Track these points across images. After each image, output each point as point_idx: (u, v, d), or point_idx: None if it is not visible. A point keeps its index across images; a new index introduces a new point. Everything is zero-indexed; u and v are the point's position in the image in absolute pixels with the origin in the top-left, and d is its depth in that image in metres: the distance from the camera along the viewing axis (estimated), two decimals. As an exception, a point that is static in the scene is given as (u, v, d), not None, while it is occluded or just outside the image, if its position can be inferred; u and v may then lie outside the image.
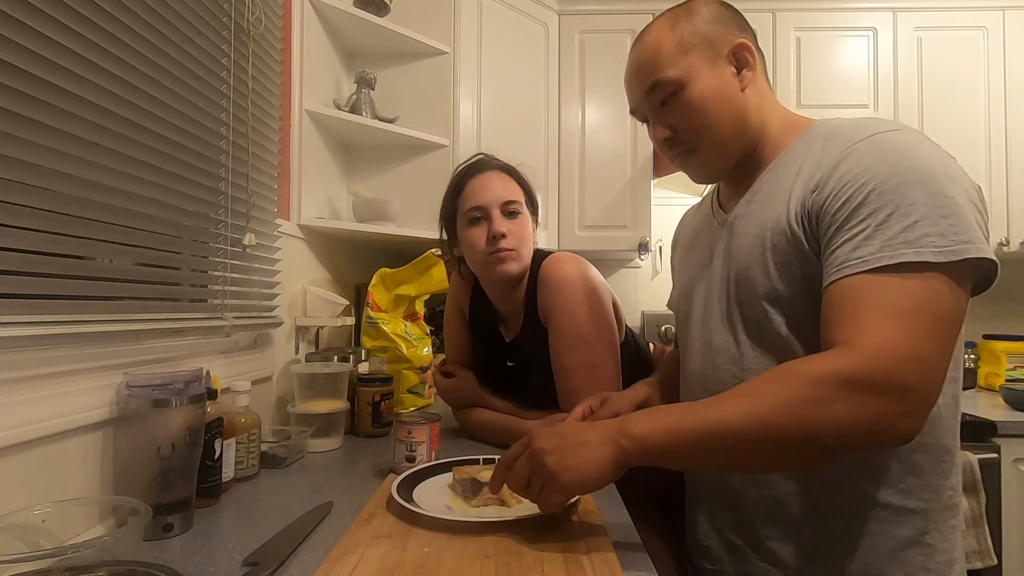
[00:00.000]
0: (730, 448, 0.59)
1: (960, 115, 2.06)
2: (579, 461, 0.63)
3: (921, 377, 0.56)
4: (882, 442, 0.60)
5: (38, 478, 0.65)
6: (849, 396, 0.55)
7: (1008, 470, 1.55)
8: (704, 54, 0.74)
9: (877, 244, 0.59)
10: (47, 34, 0.64)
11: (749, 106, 0.76)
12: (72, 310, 0.70)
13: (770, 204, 0.72)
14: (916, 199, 0.59)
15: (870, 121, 0.68)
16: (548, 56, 2.11)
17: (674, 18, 0.77)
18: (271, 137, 1.22)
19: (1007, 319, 2.21)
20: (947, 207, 0.58)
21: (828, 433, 0.57)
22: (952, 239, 0.57)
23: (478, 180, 1.08)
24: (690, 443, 0.60)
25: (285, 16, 1.35)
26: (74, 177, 0.69)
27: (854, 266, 0.60)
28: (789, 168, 0.72)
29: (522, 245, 1.07)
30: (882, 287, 0.58)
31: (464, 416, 1.21)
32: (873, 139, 0.64)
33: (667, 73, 0.74)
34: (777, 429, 0.57)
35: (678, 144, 0.79)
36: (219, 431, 0.81)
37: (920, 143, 0.63)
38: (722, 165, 0.79)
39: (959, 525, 0.71)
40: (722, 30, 0.75)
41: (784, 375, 0.60)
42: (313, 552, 0.64)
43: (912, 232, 0.58)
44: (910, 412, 0.56)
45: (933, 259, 0.57)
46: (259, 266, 1.16)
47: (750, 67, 0.76)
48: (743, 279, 0.74)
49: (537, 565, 0.60)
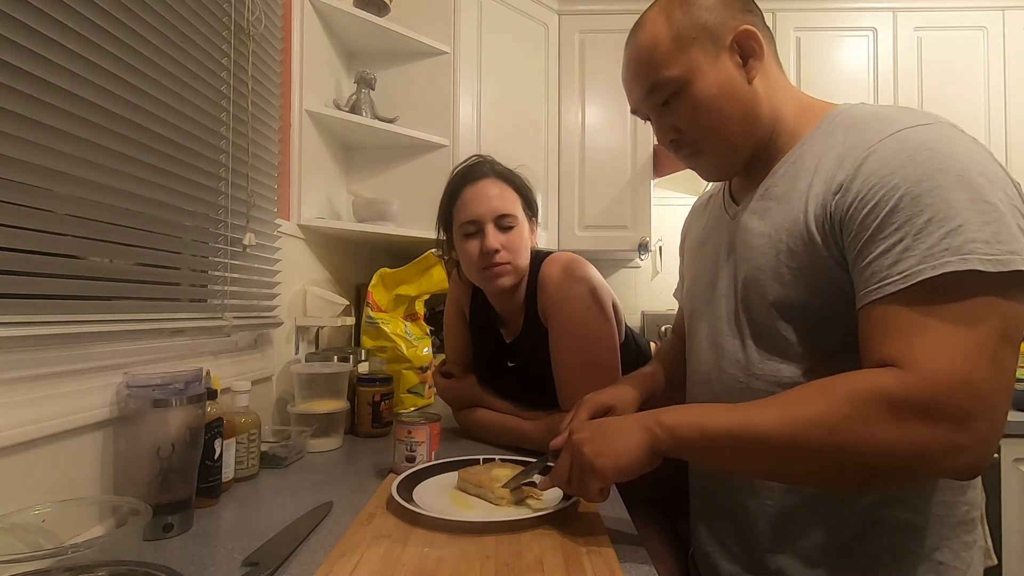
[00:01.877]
0: (759, 455, 0.58)
1: (960, 115, 2.06)
2: (614, 447, 0.64)
3: (981, 405, 0.51)
4: (934, 473, 0.57)
5: (38, 478, 0.65)
6: (893, 419, 0.52)
7: (1008, 470, 1.55)
8: (704, 47, 0.68)
9: (918, 255, 0.53)
10: (47, 34, 0.64)
11: (758, 98, 0.70)
12: (72, 310, 0.70)
13: (786, 202, 0.67)
14: (955, 202, 0.53)
15: (898, 112, 0.62)
16: (548, 56, 2.11)
17: (669, 8, 0.70)
18: (271, 137, 1.22)
19: (1007, 319, 2.20)
20: (989, 212, 0.52)
21: (866, 454, 0.53)
22: (998, 247, 0.51)
23: (473, 190, 1.06)
24: (720, 442, 0.59)
25: (285, 16, 1.34)
26: (74, 177, 0.69)
27: (896, 282, 0.54)
28: (807, 163, 0.66)
29: (517, 257, 1.06)
30: (930, 303, 0.53)
31: (464, 416, 1.21)
32: (901, 135, 0.58)
33: (667, 72, 0.69)
34: (809, 443, 0.54)
35: (685, 145, 0.74)
36: (219, 431, 0.81)
37: (954, 139, 0.57)
38: (734, 162, 0.74)
39: (976, 542, 0.67)
40: (723, 17, 0.68)
41: (824, 389, 0.56)
42: (313, 552, 0.64)
43: (955, 238, 0.52)
44: (968, 446, 0.51)
45: (982, 268, 0.51)
46: (259, 266, 1.16)
47: (756, 56, 0.69)
48: (752, 282, 0.70)
49: (537, 565, 0.60)
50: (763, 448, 0.57)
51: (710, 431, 0.60)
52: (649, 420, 0.64)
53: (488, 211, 1.04)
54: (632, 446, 0.63)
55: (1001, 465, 1.54)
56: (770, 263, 0.67)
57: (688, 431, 0.61)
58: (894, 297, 0.55)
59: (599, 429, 0.67)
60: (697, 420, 0.61)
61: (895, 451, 0.52)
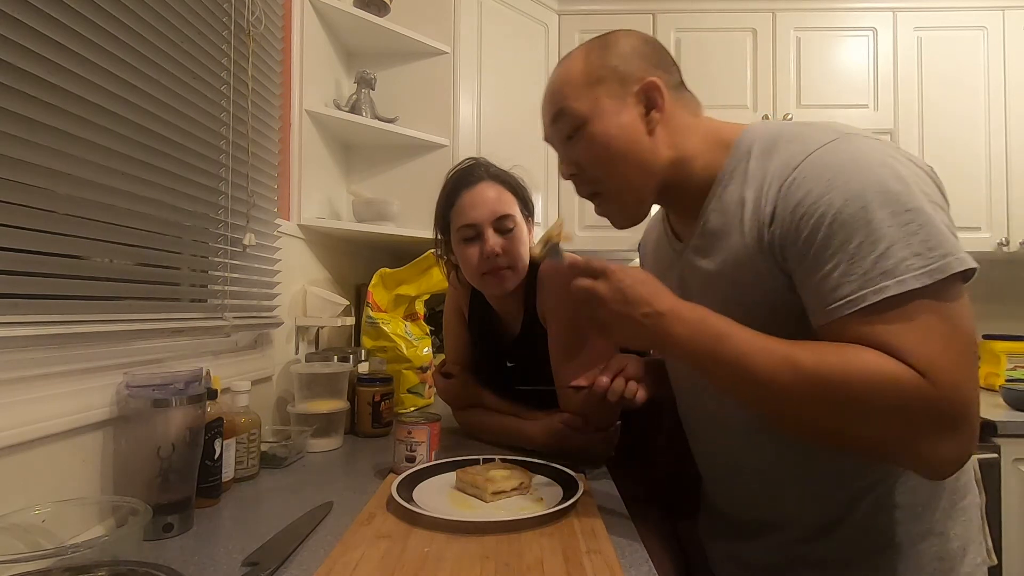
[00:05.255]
0: (748, 376, 0.60)
1: (960, 115, 2.06)
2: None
3: (967, 410, 0.55)
4: (908, 465, 0.61)
5: (38, 478, 0.65)
6: (898, 406, 0.54)
7: (1008, 470, 1.55)
8: (611, 89, 0.71)
9: (856, 280, 0.56)
10: (47, 34, 0.64)
11: (657, 148, 0.71)
12: (72, 310, 0.70)
13: (724, 238, 0.68)
14: (879, 221, 0.55)
15: (802, 132, 0.64)
16: (548, 56, 2.11)
17: (589, 49, 0.74)
18: (271, 137, 1.22)
19: (1007, 319, 2.20)
20: (913, 221, 0.55)
21: (863, 441, 0.58)
22: (930, 256, 0.54)
23: (469, 195, 1.06)
24: (713, 342, 0.61)
25: (285, 16, 1.35)
26: (74, 177, 0.69)
27: (841, 308, 0.57)
28: (732, 195, 0.68)
29: (517, 259, 1.06)
30: (885, 323, 0.55)
31: (464, 416, 1.21)
32: (813, 159, 0.60)
33: (572, 103, 0.71)
34: (808, 385, 0.57)
35: (584, 184, 0.76)
36: (219, 431, 0.81)
37: (862, 151, 0.59)
38: (637, 209, 0.75)
39: (970, 508, 0.69)
40: (634, 66, 0.71)
41: (844, 351, 0.57)
42: (313, 552, 0.64)
43: (887, 260, 0.55)
44: (958, 452, 0.56)
45: (919, 284, 0.54)
46: (259, 266, 1.16)
47: (659, 108, 0.71)
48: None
49: (537, 565, 0.60)
50: (759, 371, 0.59)
51: (708, 328, 0.62)
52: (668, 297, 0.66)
53: (486, 215, 1.04)
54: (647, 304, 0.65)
55: (1001, 465, 1.54)
56: (722, 306, 0.68)
57: (690, 312, 0.64)
58: (847, 321, 0.57)
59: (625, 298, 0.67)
60: (700, 313, 0.64)
61: (887, 444, 0.57)
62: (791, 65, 2.09)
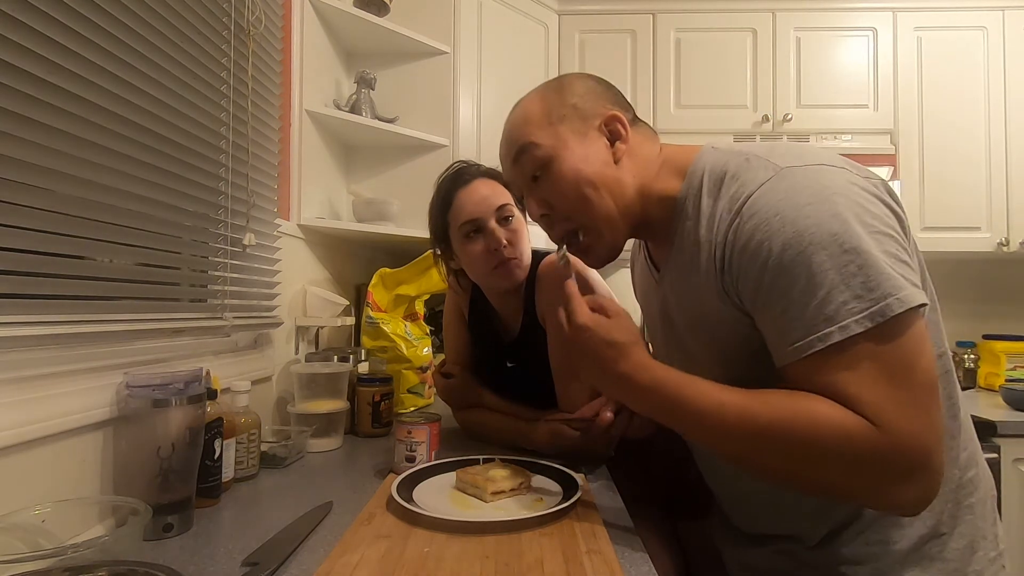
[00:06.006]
0: (705, 434, 0.62)
1: (960, 115, 2.06)
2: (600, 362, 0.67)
3: (923, 457, 0.54)
4: (872, 507, 0.63)
5: (38, 478, 0.65)
6: (850, 458, 0.54)
7: (1008, 470, 1.55)
8: (573, 125, 0.71)
9: (802, 327, 0.56)
10: (47, 34, 0.64)
11: (624, 178, 0.71)
12: (72, 310, 0.70)
13: (691, 275, 0.68)
14: (818, 265, 0.55)
15: (744, 167, 0.64)
16: (548, 56, 2.11)
17: (544, 91, 0.75)
18: (271, 137, 1.22)
19: (1007, 319, 2.21)
20: (852, 263, 0.54)
21: (820, 488, 0.60)
22: (870, 299, 0.53)
23: (465, 192, 1.06)
24: (668, 405, 0.63)
25: (285, 16, 1.35)
26: (74, 177, 0.69)
27: (792, 353, 0.57)
28: (689, 235, 0.68)
29: (522, 250, 1.07)
30: (828, 372, 0.55)
31: (464, 416, 1.21)
32: (754, 201, 0.60)
33: (535, 140, 0.71)
34: (765, 440, 0.57)
35: (558, 222, 0.74)
36: (219, 431, 0.81)
37: (797, 191, 0.58)
38: (613, 242, 0.74)
39: (978, 504, 0.69)
40: (592, 104, 0.73)
41: (796, 402, 0.57)
42: (313, 552, 0.64)
43: (827, 306, 0.54)
44: (918, 496, 0.56)
45: (861, 329, 0.53)
46: (259, 266, 1.16)
47: (623, 139, 0.72)
48: (701, 367, 0.69)
49: (537, 565, 0.60)
50: (713, 421, 0.60)
51: (667, 385, 0.63)
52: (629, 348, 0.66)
53: (487, 207, 1.04)
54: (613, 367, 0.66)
55: (1001, 465, 1.54)
56: (705, 340, 0.70)
57: (650, 371, 0.64)
58: (802, 364, 0.57)
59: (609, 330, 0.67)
60: (662, 369, 0.64)
61: (842, 490, 0.58)
62: (791, 65, 2.09)
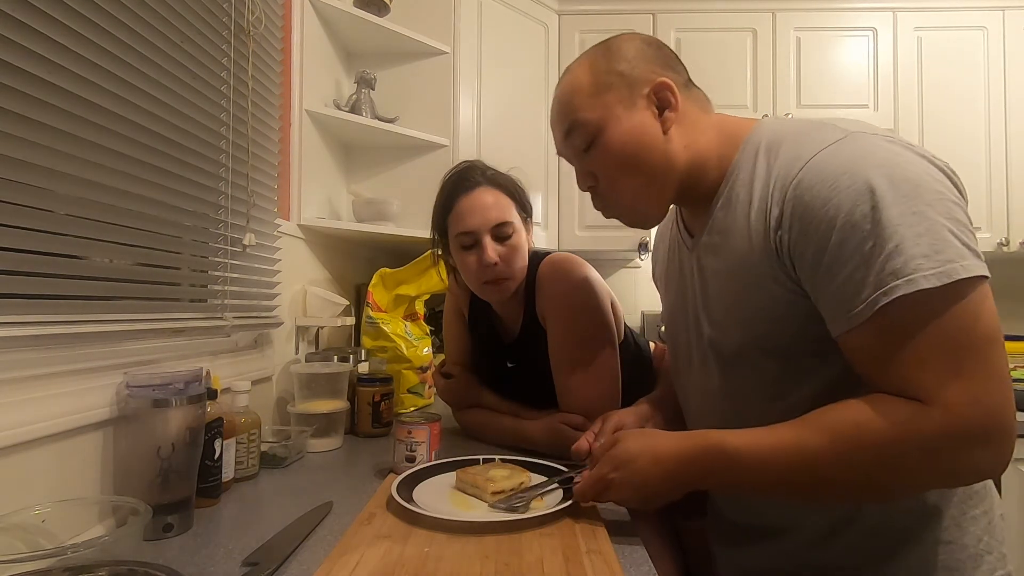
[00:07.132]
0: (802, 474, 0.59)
1: (960, 115, 2.06)
2: (644, 479, 0.67)
3: (995, 420, 0.53)
4: (965, 484, 0.65)
5: (38, 478, 0.65)
6: (928, 456, 0.54)
7: (1008, 470, 1.53)
8: (620, 93, 0.70)
9: (871, 283, 0.54)
10: (47, 34, 0.64)
11: (674, 148, 0.70)
12: (72, 310, 0.70)
13: (732, 237, 0.68)
14: (887, 220, 0.54)
15: (808, 131, 0.63)
16: (548, 56, 2.11)
17: (593, 56, 0.74)
18: (271, 137, 1.22)
19: (1007, 319, 2.18)
20: (919, 223, 0.54)
21: (905, 487, 0.61)
22: (937, 260, 0.53)
23: (467, 200, 1.04)
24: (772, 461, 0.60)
25: (285, 16, 1.35)
26: (74, 177, 0.69)
27: (861, 313, 0.55)
28: (740, 194, 0.67)
29: (516, 267, 1.05)
30: (902, 330, 0.54)
31: (464, 416, 1.21)
32: (818, 161, 0.59)
33: (583, 114, 0.71)
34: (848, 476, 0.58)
35: (602, 194, 0.75)
36: (219, 431, 0.81)
37: (868, 151, 0.58)
38: (656, 211, 0.75)
39: (982, 517, 0.68)
40: (641, 69, 0.71)
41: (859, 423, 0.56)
42: (313, 552, 0.64)
43: (896, 259, 0.53)
44: (994, 461, 0.55)
45: (928, 285, 0.52)
46: (259, 266, 1.16)
47: (672, 107, 0.70)
48: (719, 327, 0.70)
49: (537, 565, 0.60)
50: (807, 469, 0.58)
51: (767, 450, 0.60)
52: (698, 444, 0.64)
53: (484, 222, 1.02)
54: (660, 481, 0.66)
55: (1001, 465, 1.53)
56: (732, 305, 0.68)
57: (752, 451, 0.61)
58: (864, 328, 0.56)
59: (628, 457, 0.67)
60: (756, 440, 0.61)
61: (928, 480, 0.59)
62: (791, 65, 2.10)
